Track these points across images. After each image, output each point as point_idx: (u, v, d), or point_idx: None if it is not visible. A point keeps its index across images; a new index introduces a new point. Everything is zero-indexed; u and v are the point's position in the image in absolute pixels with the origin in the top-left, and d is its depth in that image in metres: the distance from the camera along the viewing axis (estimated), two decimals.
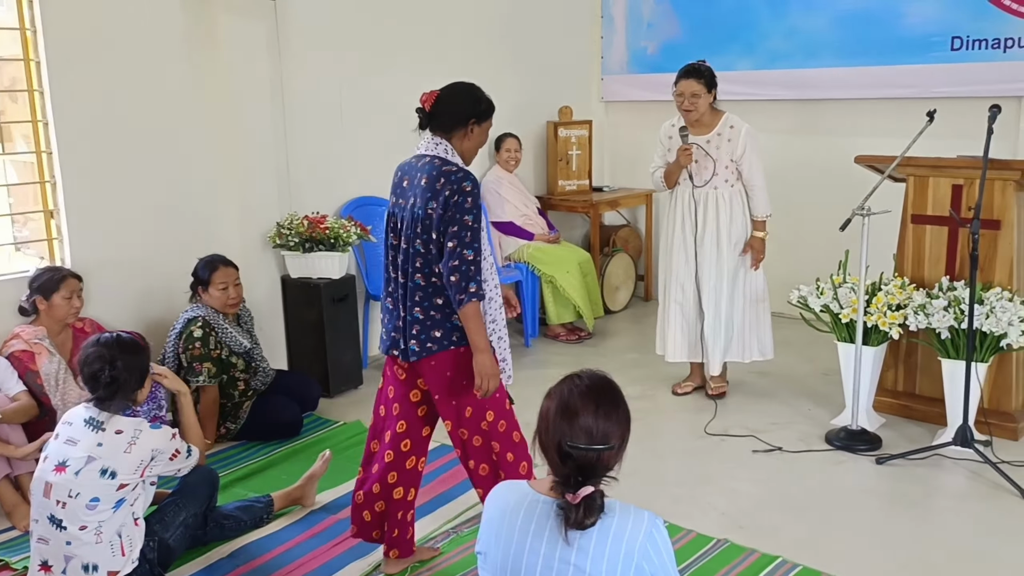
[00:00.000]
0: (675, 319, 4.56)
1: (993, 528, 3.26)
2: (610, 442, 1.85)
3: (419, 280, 2.76)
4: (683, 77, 4.28)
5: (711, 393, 4.62)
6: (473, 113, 2.87)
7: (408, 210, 2.77)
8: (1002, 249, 3.99)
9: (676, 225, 4.50)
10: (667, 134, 4.48)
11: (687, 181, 4.39)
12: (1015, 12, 5.02)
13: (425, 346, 2.78)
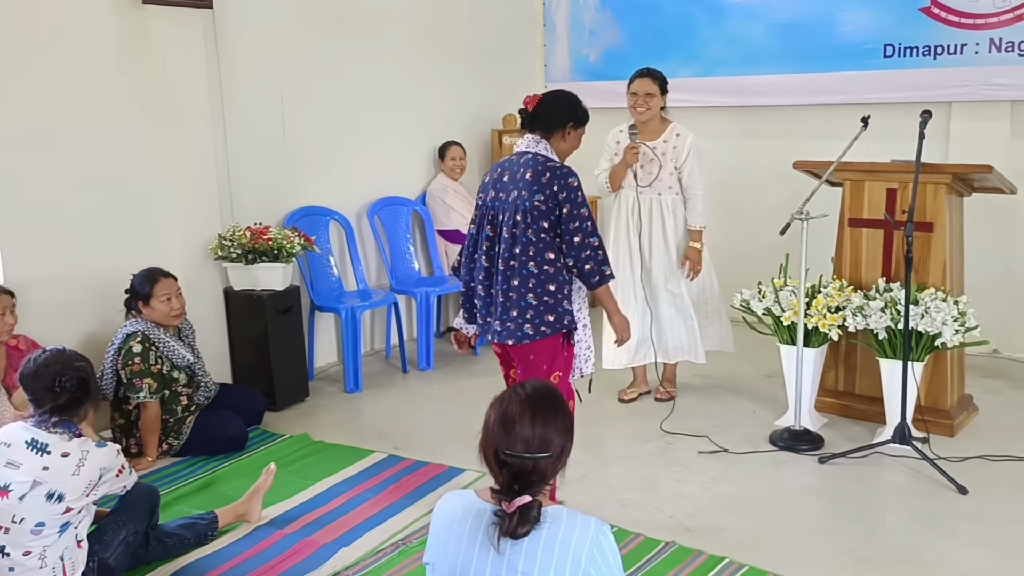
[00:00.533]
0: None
1: (931, 523, 3.34)
2: (547, 451, 1.85)
3: (532, 268, 3.02)
4: (638, 77, 4.33)
5: (659, 397, 4.64)
6: (572, 117, 3.19)
7: (511, 203, 3.05)
8: (935, 251, 4.09)
9: (621, 228, 4.50)
10: (615, 139, 4.49)
11: (631, 183, 4.40)
12: (944, 21, 5.18)
13: (539, 329, 3.04)
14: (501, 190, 3.09)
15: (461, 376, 5.24)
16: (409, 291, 5.45)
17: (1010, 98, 5.08)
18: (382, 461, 4.03)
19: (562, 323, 3.06)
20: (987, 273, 5.08)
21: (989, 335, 4.99)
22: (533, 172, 3.02)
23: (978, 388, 4.65)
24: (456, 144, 5.94)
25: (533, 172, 3.02)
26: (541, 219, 2.99)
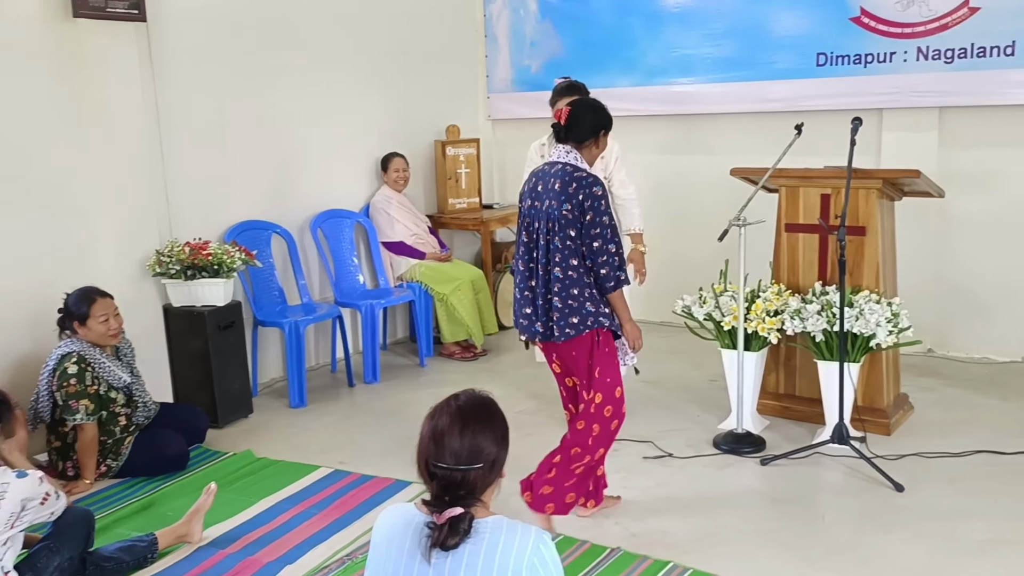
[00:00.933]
0: None
1: (869, 520, 3.42)
2: (477, 462, 1.85)
3: (558, 273, 3.19)
4: (563, 95, 4.16)
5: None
6: (601, 126, 3.31)
7: (544, 212, 3.21)
8: (868, 254, 4.20)
9: None
10: (538, 152, 4.37)
11: None
12: (874, 30, 5.32)
13: (564, 331, 3.21)
14: (536, 199, 3.27)
15: (408, 388, 5.22)
16: (354, 304, 5.42)
17: (937, 104, 5.23)
18: (327, 476, 4.00)
19: (586, 324, 3.20)
20: (919, 274, 5.21)
21: (922, 335, 5.13)
22: (561, 183, 3.18)
23: (913, 387, 4.77)
24: (399, 156, 5.93)
25: (561, 183, 3.18)
26: (568, 227, 3.16)
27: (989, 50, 5.02)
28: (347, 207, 5.80)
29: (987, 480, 3.70)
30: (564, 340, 3.22)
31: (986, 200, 5.22)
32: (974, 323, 5.35)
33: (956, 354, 5.40)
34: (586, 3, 6.31)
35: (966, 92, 5.10)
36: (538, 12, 6.55)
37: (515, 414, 4.68)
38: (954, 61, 5.12)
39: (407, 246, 5.81)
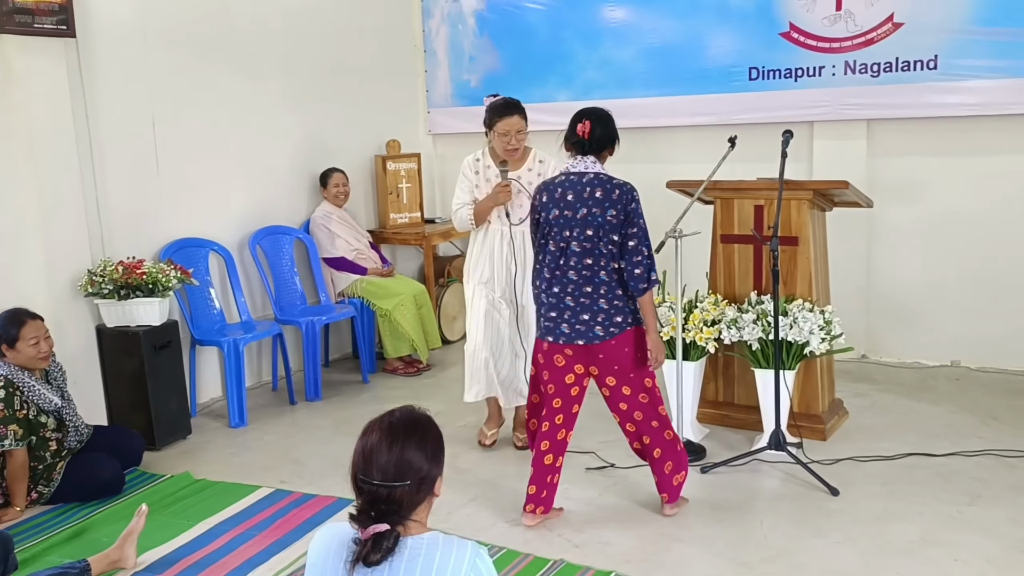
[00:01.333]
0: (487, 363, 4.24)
1: (804, 524, 3.49)
2: (404, 479, 1.84)
3: (603, 276, 3.35)
4: (507, 115, 4.06)
5: (520, 445, 4.35)
6: (616, 136, 3.50)
7: (580, 220, 3.35)
8: (801, 263, 4.29)
9: (487, 266, 4.21)
10: (473, 169, 4.22)
11: (501, 219, 4.15)
12: (803, 44, 5.46)
13: (608, 330, 3.36)
14: (566, 208, 3.38)
15: (351, 405, 5.18)
16: (294, 321, 5.36)
17: (865, 117, 5.38)
18: (268, 496, 3.95)
19: (627, 322, 3.40)
20: (851, 282, 5.36)
21: (855, 341, 5.29)
22: (603, 191, 3.35)
23: (848, 392, 4.88)
24: (338, 171, 5.90)
25: (603, 191, 3.35)
26: (612, 232, 3.33)
27: (913, 64, 5.19)
28: (286, 223, 5.75)
29: (917, 482, 3.80)
30: (607, 339, 3.38)
31: (913, 209, 5.38)
32: (904, 329, 5.50)
33: (888, 359, 5.54)
34: (523, 18, 6.36)
35: (892, 105, 5.26)
36: (476, 27, 6.59)
37: (457, 428, 4.68)
38: (880, 75, 5.28)
39: (348, 262, 5.78)
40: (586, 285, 3.37)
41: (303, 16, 5.83)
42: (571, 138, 3.46)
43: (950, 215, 5.29)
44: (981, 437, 4.24)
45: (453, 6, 6.67)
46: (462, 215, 4.20)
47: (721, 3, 5.66)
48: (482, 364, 4.24)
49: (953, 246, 5.30)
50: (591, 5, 6.09)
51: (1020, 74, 4.92)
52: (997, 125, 5.09)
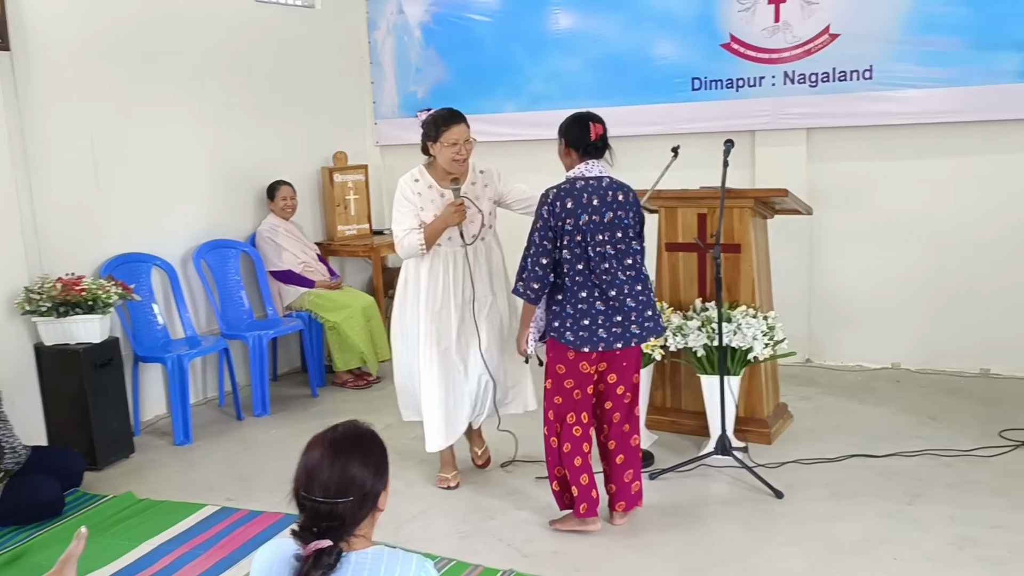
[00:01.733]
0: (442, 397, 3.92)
1: (751, 527, 3.53)
2: (347, 496, 1.82)
3: (645, 272, 3.49)
4: (451, 124, 3.78)
5: (480, 463, 4.25)
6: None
7: (607, 223, 3.37)
8: (744, 270, 4.36)
9: (439, 294, 3.88)
10: (413, 191, 3.85)
11: (453, 240, 3.85)
12: (743, 55, 5.56)
13: (654, 327, 3.52)
14: (594, 213, 3.36)
15: (300, 420, 5.13)
16: (241, 335, 5.29)
17: (805, 125, 5.49)
18: (214, 514, 3.88)
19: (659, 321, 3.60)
20: (793, 288, 5.46)
21: (799, 346, 5.38)
22: (623, 194, 3.44)
23: (792, 396, 4.97)
24: (285, 183, 5.85)
25: (623, 194, 3.44)
26: (635, 233, 3.48)
27: (849, 74, 5.32)
28: (232, 237, 5.68)
29: (860, 483, 3.87)
30: (655, 334, 3.54)
31: (852, 215, 5.50)
32: (846, 333, 5.61)
33: (831, 363, 5.65)
34: (469, 30, 6.39)
35: (830, 114, 5.39)
36: (422, 39, 6.59)
37: (408, 440, 4.65)
38: (818, 85, 5.40)
39: (295, 275, 5.72)
40: (636, 284, 3.45)
41: (247, 28, 5.78)
42: (583, 141, 3.43)
43: (889, 220, 5.42)
44: (920, 437, 4.35)
45: (399, 18, 6.66)
46: (411, 241, 3.79)
47: (664, 15, 5.75)
48: (441, 413, 3.92)
49: (892, 251, 5.43)
50: (537, 17, 6.14)
51: (951, 83, 5.08)
52: (931, 132, 5.23)
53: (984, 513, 3.53)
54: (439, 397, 3.90)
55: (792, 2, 5.37)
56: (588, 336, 3.38)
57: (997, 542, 3.31)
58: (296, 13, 6.27)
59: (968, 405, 4.79)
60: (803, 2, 5.34)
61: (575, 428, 3.50)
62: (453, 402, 3.94)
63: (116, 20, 4.92)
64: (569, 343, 3.39)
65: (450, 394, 3.92)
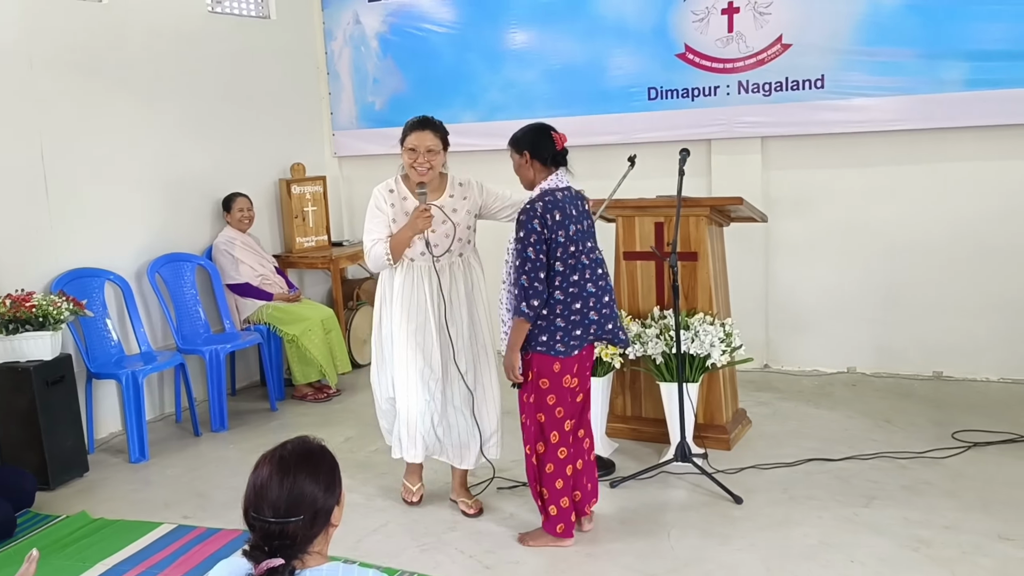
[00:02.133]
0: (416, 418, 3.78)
1: (710, 533, 3.56)
2: (297, 514, 1.80)
3: (610, 283, 3.53)
4: (415, 129, 3.63)
5: (472, 512, 3.85)
6: None
7: (587, 231, 3.45)
8: (701, 278, 4.40)
9: (415, 311, 3.71)
10: (386, 200, 3.71)
11: (423, 255, 3.68)
12: (698, 65, 5.62)
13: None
14: (578, 222, 3.41)
15: (258, 434, 5.07)
16: (197, 350, 5.22)
17: (759, 134, 5.57)
18: (170, 533, 3.82)
19: None
20: (750, 295, 5.53)
21: (756, 352, 5.45)
22: (584, 202, 3.52)
23: (751, 402, 5.02)
24: (242, 195, 5.80)
25: (584, 202, 3.52)
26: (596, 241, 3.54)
27: (802, 83, 5.40)
28: (187, 250, 5.61)
29: (816, 487, 3.92)
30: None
31: (805, 222, 5.58)
32: (803, 338, 5.69)
33: (789, 368, 5.72)
34: (426, 40, 6.39)
35: (784, 123, 5.47)
36: (379, 49, 6.58)
37: (369, 453, 4.64)
38: (772, 94, 5.48)
39: (253, 287, 5.67)
40: (602, 291, 3.47)
41: (201, 38, 5.72)
42: (550, 151, 3.44)
43: (842, 227, 5.51)
44: (875, 440, 4.41)
45: (356, 28, 6.65)
46: (377, 252, 3.67)
47: (619, 26, 5.79)
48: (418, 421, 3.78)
49: (846, 257, 5.52)
50: (494, 28, 6.16)
51: (901, 92, 5.18)
52: (882, 140, 5.33)
53: (937, 514, 3.59)
54: (418, 409, 3.76)
55: (745, 12, 5.45)
56: (578, 344, 3.41)
57: (950, 542, 3.37)
58: (251, 23, 6.22)
59: (921, 408, 4.87)
60: (756, 12, 5.42)
61: (560, 450, 3.43)
62: (430, 420, 3.79)
63: (64, 30, 4.85)
64: (560, 353, 3.35)
65: (426, 411, 3.77)
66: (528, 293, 3.29)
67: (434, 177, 3.69)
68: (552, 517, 3.48)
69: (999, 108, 4.97)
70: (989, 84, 4.98)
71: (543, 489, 3.47)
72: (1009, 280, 5.16)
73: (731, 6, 5.47)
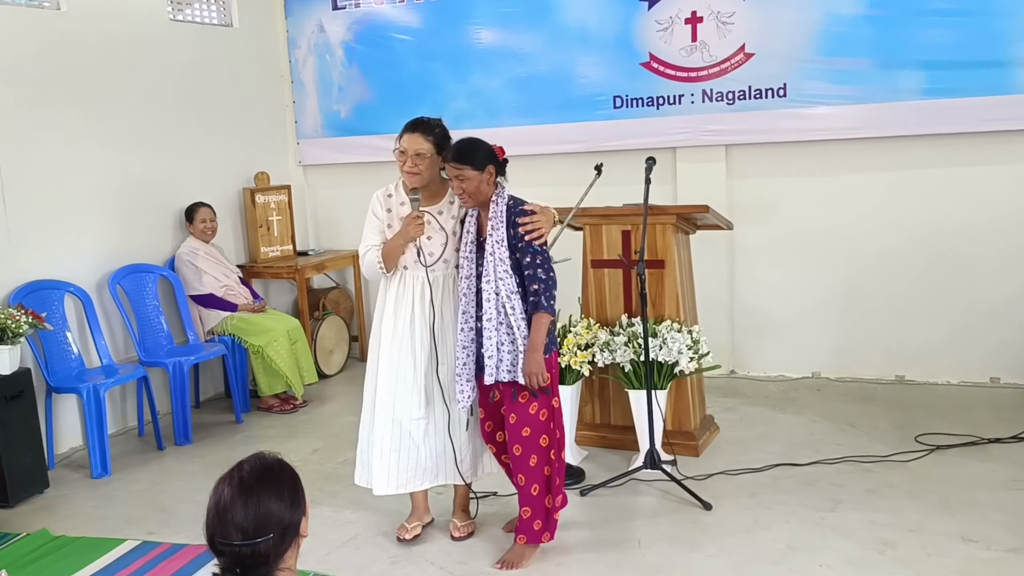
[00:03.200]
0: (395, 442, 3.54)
1: (680, 540, 3.57)
2: (265, 534, 1.78)
3: None
4: (406, 131, 3.45)
5: (459, 535, 3.70)
6: None
7: None
8: (668, 285, 4.43)
9: (407, 323, 3.51)
10: (383, 205, 3.54)
11: (416, 263, 3.49)
12: (663, 74, 5.67)
13: None
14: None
15: (224, 447, 5.00)
16: (160, 362, 5.14)
17: (724, 142, 5.62)
18: (134, 550, 3.75)
19: None
20: (716, 302, 5.57)
21: (723, 358, 5.50)
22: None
23: (718, 407, 5.06)
24: (205, 205, 5.73)
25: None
26: None
27: (764, 91, 5.47)
28: (149, 261, 5.53)
29: (783, 492, 3.96)
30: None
31: (771, 228, 5.65)
32: (768, 344, 5.75)
33: (755, 374, 5.77)
34: (391, 49, 6.37)
35: (747, 131, 5.53)
36: (344, 57, 6.55)
37: (337, 465, 4.59)
38: (735, 102, 5.53)
39: (217, 298, 5.60)
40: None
41: (162, 47, 5.66)
42: (501, 163, 3.46)
43: (806, 233, 5.58)
44: (840, 444, 4.47)
45: (320, 36, 6.61)
46: (369, 259, 3.50)
47: (584, 34, 5.82)
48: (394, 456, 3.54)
49: (809, 263, 5.59)
50: (458, 36, 6.16)
51: (859, 101, 5.26)
52: (843, 147, 5.41)
53: (901, 517, 3.64)
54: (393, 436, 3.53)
55: (708, 22, 5.50)
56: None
57: (915, 544, 3.41)
58: (213, 31, 6.16)
59: (884, 411, 4.94)
60: (719, 22, 5.48)
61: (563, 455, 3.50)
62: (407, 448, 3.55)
63: (20, 37, 4.77)
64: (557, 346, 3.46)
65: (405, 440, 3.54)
66: (549, 284, 3.32)
67: (428, 182, 3.46)
68: (553, 524, 3.46)
69: (954, 116, 5.08)
70: (944, 93, 5.08)
71: (554, 498, 3.45)
72: (967, 285, 5.27)
73: (695, 15, 5.52)
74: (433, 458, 3.58)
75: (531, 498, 3.42)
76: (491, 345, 3.33)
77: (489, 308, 3.33)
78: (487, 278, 3.34)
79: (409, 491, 3.65)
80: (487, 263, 3.34)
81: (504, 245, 3.34)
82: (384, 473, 3.55)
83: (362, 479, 3.67)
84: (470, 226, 3.47)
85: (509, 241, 3.34)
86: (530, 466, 3.40)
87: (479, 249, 3.42)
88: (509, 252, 3.34)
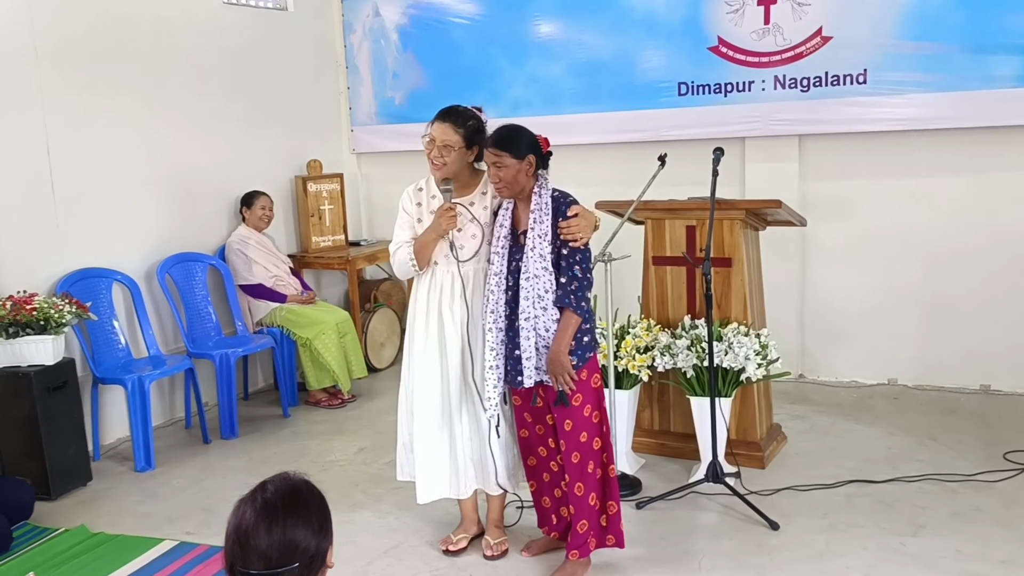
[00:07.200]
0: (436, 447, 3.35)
1: (744, 565, 3.30)
2: (292, 562, 1.59)
3: None
4: (437, 119, 3.27)
5: (492, 554, 3.46)
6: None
7: None
8: (735, 285, 4.15)
9: (435, 322, 3.32)
10: (413, 200, 3.38)
11: (448, 258, 3.28)
12: (732, 59, 5.35)
13: None
14: None
15: (270, 442, 4.88)
16: (207, 354, 5.04)
17: (796, 132, 5.29)
18: (172, 550, 3.63)
19: None
20: (785, 302, 5.25)
21: (792, 361, 5.19)
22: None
23: (785, 415, 4.76)
24: (263, 194, 5.61)
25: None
26: None
27: (842, 78, 5.11)
28: (199, 249, 5.43)
29: (859, 512, 3.65)
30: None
31: (845, 226, 5.30)
32: (841, 348, 5.41)
33: (826, 379, 5.44)
34: (447, 33, 6.16)
35: (822, 120, 5.18)
36: (399, 43, 6.36)
37: (382, 466, 4.42)
38: (810, 89, 5.19)
39: (266, 289, 5.48)
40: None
41: (216, 31, 5.54)
42: (539, 153, 3.19)
43: (883, 232, 5.22)
44: (920, 460, 4.14)
45: (375, 21, 6.43)
46: (400, 257, 3.32)
47: (649, 18, 5.53)
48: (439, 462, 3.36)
49: (888, 263, 5.23)
50: (517, 20, 5.92)
51: (947, 88, 4.88)
52: (928, 140, 5.04)
53: (991, 547, 3.32)
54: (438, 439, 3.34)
55: (783, 3, 5.17)
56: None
57: None
58: (268, 16, 6.02)
59: (969, 424, 4.58)
60: (794, 4, 5.14)
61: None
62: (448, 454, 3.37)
63: (70, 19, 4.67)
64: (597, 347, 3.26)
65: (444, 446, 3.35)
66: (583, 285, 3.09)
67: (459, 172, 3.26)
68: (619, 532, 3.26)
69: None
70: None
71: (613, 504, 3.25)
72: None
73: None
74: (473, 464, 3.38)
75: (588, 509, 3.19)
76: (529, 346, 3.10)
77: (527, 307, 3.08)
78: (526, 275, 3.09)
79: (452, 497, 3.43)
80: (527, 259, 3.09)
81: (547, 239, 3.08)
82: (426, 480, 3.37)
83: (404, 474, 3.50)
84: (503, 219, 3.21)
85: (554, 232, 3.09)
86: (588, 472, 3.18)
87: (512, 244, 3.19)
88: (552, 247, 3.09)
